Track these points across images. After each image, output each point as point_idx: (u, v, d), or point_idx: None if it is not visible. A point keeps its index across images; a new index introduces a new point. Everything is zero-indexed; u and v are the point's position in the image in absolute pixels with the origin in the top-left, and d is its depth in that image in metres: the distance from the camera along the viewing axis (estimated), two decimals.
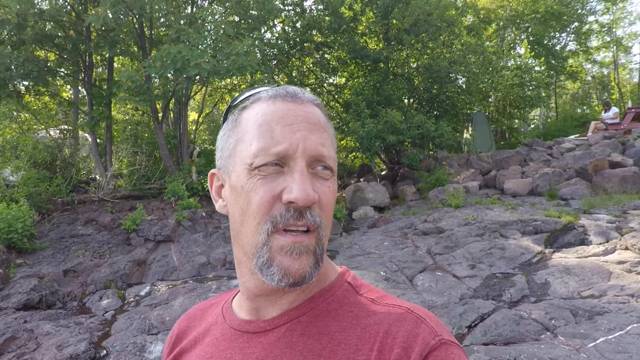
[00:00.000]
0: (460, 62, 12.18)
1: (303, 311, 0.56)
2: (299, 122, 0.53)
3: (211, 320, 0.64)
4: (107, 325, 4.15)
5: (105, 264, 5.49)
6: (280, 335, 0.55)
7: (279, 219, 0.50)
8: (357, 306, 0.55)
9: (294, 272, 0.50)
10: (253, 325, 0.57)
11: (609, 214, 5.61)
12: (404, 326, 0.51)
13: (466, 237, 5.35)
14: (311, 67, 13.93)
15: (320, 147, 0.53)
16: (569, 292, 3.80)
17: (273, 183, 0.51)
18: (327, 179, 0.54)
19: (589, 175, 7.85)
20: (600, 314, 3.25)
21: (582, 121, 17.93)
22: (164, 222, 6.32)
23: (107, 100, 8.18)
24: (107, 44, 7.55)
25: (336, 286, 0.58)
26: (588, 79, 22.91)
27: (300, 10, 11.91)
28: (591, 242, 4.81)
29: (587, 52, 20.72)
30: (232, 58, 6.11)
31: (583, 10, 18.84)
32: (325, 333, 0.53)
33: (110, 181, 7.50)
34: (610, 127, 10.80)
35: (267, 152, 0.51)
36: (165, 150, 8.14)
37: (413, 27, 11.46)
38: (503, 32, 18.12)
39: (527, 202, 7.37)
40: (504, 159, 9.98)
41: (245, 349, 0.56)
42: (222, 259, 5.63)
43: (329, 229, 0.55)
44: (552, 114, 22.28)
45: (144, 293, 4.92)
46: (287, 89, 0.57)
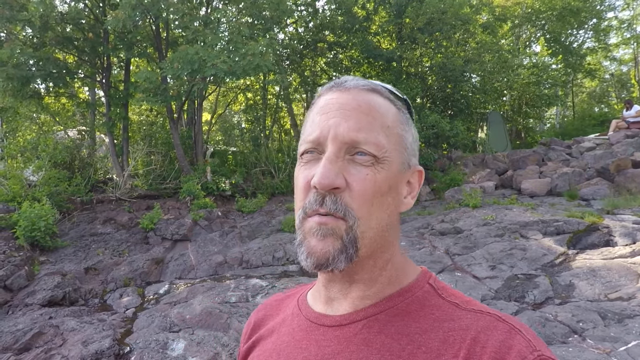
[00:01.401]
0: (475, 61, 12.02)
1: (381, 309, 0.55)
2: (336, 110, 0.54)
3: (288, 311, 0.65)
4: (128, 323, 4.20)
5: (124, 262, 5.57)
6: (357, 331, 0.54)
7: (307, 205, 0.53)
8: (438, 309, 0.53)
9: (318, 252, 0.51)
10: (329, 319, 0.57)
11: (635, 215, 5.45)
12: (495, 335, 0.48)
13: (485, 237, 5.26)
14: (324, 67, 13.92)
15: (353, 133, 0.52)
16: (595, 295, 3.70)
17: (310, 170, 0.54)
18: (366, 166, 0.52)
19: (611, 174, 7.65)
20: (631, 317, 3.15)
21: (601, 120, 17.51)
22: (181, 222, 6.38)
23: (124, 102, 8.30)
24: (124, 45, 7.66)
25: (416, 287, 0.56)
26: (606, 76, 22.37)
27: (313, 11, 11.91)
28: (617, 243, 4.68)
29: (606, 49, 20.24)
30: (248, 58, 6.13)
31: (602, 6, 18.41)
32: (405, 334, 0.51)
33: (127, 181, 7.61)
34: (632, 126, 10.50)
35: (306, 140, 0.55)
36: (181, 150, 8.22)
37: (427, 26, 11.36)
38: (519, 30, 17.83)
39: (546, 202, 7.22)
40: (520, 159, 9.80)
41: (320, 341, 0.56)
42: (238, 258, 5.65)
43: (372, 220, 0.52)
44: (569, 112, 21.82)
45: (163, 291, 4.97)
46: (340, 79, 0.58)
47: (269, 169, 9.31)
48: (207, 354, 3.39)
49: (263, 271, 5.39)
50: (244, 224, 6.82)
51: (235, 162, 10.28)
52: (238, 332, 3.73)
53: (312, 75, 13.43)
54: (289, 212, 7.33)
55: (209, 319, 3.96)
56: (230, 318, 3.91)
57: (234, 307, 4.19)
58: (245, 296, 4.48)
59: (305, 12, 11.91)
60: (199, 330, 3.85)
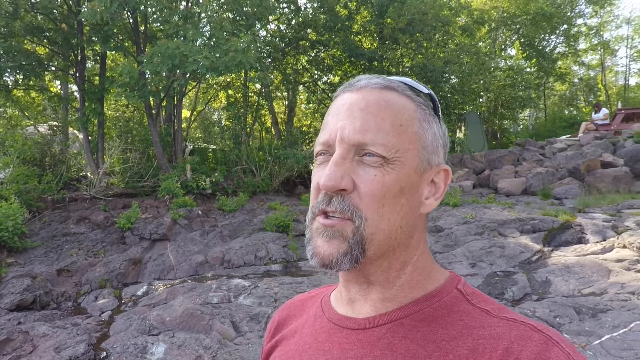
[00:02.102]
0: (454, 62, 12.27)
1: (406, 313, 0.53)
2: (345, 111, 0.53)
3: (311, 312, 0.65)
4: (105, 326, 4.04)
5: (100, 263, 5.37)
6: (381, 335, 0.52)
7: (315, 205, 0.53)
8: (468, 316, 0.51)
9: (322, 254, 0.52)
10: (352, 321, 0.56)
11: (604, 213, 5.71)
12: (530, 346, 0.45)
13: (466, 236, 5.38)
14: (306, 66, 13.87)
15: (359, 135, 0.51)
16: (570, 290, 3.84)
17: (322, 172, 0.54)
18: (374, 167, 0.51)
19: (582, 175, 7.98)
20: (604, 312, 3.29)
21: (571, 122, 18.28)
22: (160, 221, 6.21)
23: (100, 97, 8.00)
24: (100, 38, 7.37)
25: (444, 292, 0.54)
26: (575, 81, 23.34)
27: (296, 8, 11.85)
28: (589, 240, 4.88)
29: (575, 54, 21.11)
30: (231, 55, 6.02)
31: (572, 13, 19.20)
32: (431, 340, 0.50)
33: (102, 179, 7.34)
34: (600, 128, 11.01)
35: (318, 142, 0.56)
36: (160, 147, 8.00)
37: (408, 27, 11.51)
38: (495, 34, 18.34)
39: (521, 201, 7.45)
40: (497, 159, 10.09)
41: (344, 344, 0.54)
42: (220, 258, 5.55)
43: (383, 222, 0.51)
44: (542, 114, 22.65)
45: (142, 293, 4.82)
46: (354, 79, 0.58)
47: (251, 167, 9.20)
48: (188, 357, 3.31)
49: (245, 271, 5.31)
50: (226, 223, 6.71)
51: (215, 160, 10.10)
52: (221, 334, 3.66)
53: (294, 73, 13.36)
54: (271, 211, 7.26)
55: (190, 321, 3.87)
56: (212, 320, 3.83)
57: (216, 308, 4.11)
58: (228, 297, 4.40)
59: (288, 10, 11.82)
60: (180, 333, 3.75)
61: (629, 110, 12.13)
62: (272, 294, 4.40)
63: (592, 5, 19.67)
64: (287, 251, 5.80)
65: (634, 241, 4.33)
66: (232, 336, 3.65)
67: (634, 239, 4.35)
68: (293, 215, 6.76)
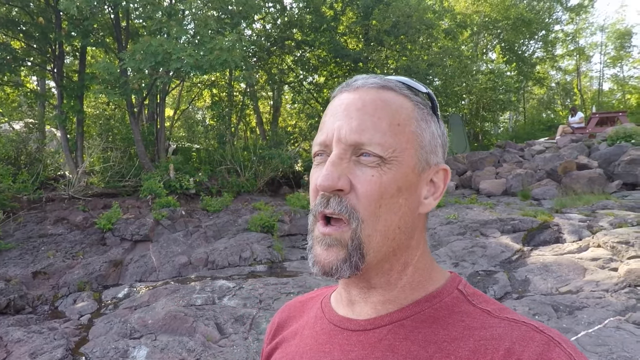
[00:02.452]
0: (437, 65, 12.47)
1: (407, 314, 0.53)
2: (342, 111, 0.53)
3: (311, 313, 0.64)
4: (84, 330, 3.94)
5: (78, 265, 5.22)
6: (382, 336, 0.52)
7: (314, 208, 0.53)
8: (469, 316, 0.51)
9: (322, 262, 0.52)
10: (353, 323, 0.56)
11: (580, 213, 5.91)
12: (532, 347, 0.45)
13: (449, 235, 5.48)
14: (291, 65, 13.84)
15: (355, 135, 0.51)
16: (548, 288, 3.96)
17: (319, 172, 0.54)
18: (371, 167, 0.50)
19: (559, 176, 8.24)
20: (580, 309, 3.41)
21: (549, 125, 18.85)
22: (142, 221, 6.08)
23: (79, 93, 7.77)
24: (79, 33, 7.16)
25: (444, 292, 0.54)
26: (553, 85, 24.09)
27: (281, 8, 11.81)
28: (565, 240, 5.04)
29: (552, 59, 21.79)
30: (215, 53, 5.94)
31: (550, 19, 19.81)
32: (432, 341, 0.49)
33: (81, 178, 7.13)
34: (576, 131, 11.39)
35: (316, 142, 0.55)
36: (142, 146, 7.83)
37: (393, 29, 11.63)
38: (477, 37, 18.73)
39: (502, 201, 7.64)
40: (478, 160, 10.31)
41: (344, 346, 0.54)
42: (203, 259, 5.47)
43: (380, 223, 0.50)
44: (521, 117, 23.27)
45: (122, 295, 4.71)
46: (351, 79, 0.57)
47: (235, 167, 9.11)
48: None
49: (230, 272, 5.26)
50: (209, 223, 6.63)
51: (199, 159, 9.96)
52: (205, 335, 3.62)
53: (279, 73, 13.31)
54: (256, 211, 7.21)
55: (173, 323, 3.81)
56: (196, 321, 3.78)
57: (200, 309, 4.05)
58: (212, 298, 4.35)
59: (274, 9, 11.77)
60: (162, 335, 3.69)
61: (603, 114, 12.61)
62: (257, 295, 4.37)
63: (568, 12, 20.33)
64: (272, 251, 5.77)
65: (607, 240, 4.50)
66: (216, 338, 3.61)
67: (608, 238, 4.52)
68: (278, 215, 6.73)
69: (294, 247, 6.42)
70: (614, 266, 4.07)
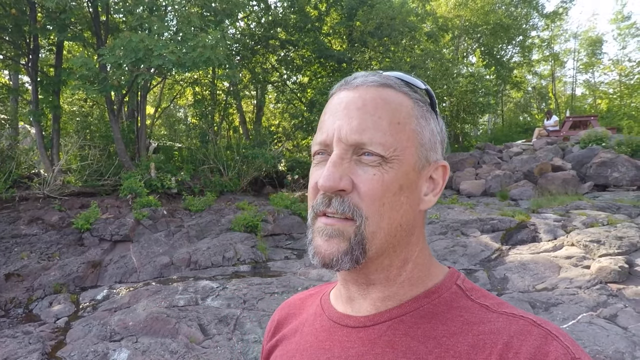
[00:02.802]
0: (419, 67, 12.67)
1: (406, 310, 0.53)
2: (342, 110, 0.53)
3: (311, 310, 0.64)
4: (60, 334, 3.82)
5: (54, 267, 5.05)
6: (382, 332, 0.52)
7: (316, 206, 0.53)
8: (467, 311, 0.51)
9: (323, 253, 0.51)
10: (352, 319, 0.56)
11: (555, 214, 6.13)
12: (529, 340, 0.45)
13: (431, 235, 5.58)
14: (275, 65, 13.78)
15: (356, 134, 0.50)
16: (525, 286, 4.10)
17: (319, 171, 0.54)
18: (373, 166, 0.51)
19: (535, 177, 8.52)
20: (555, 305, 3.55)
21: (525, 128, 19.46)
22: (122, 221, 5.94)
23: (56, 89, 7.50)
24: (55, 26, 6.92)
25: (443, 288, 0.54)
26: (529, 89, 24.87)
27: (265, 6, 11.74)
28: (541, 239, 5.22)
29: (529, 64, 22.50)
30: (198, 50, 5.86)
31: (527, 25, 20.45)
32: (432, 337, 0.50)
33: (57, 176, 6.90)
34: (552, 134, 11.80)
35: (316, 141, 0.55)
36: (121, 144, 7.64)
37: (376, 30, 11.75)
38: (458, 41, 19.13)
39: (481, 202, 7.84)
40: (459, 161, 10.54)
41: (344, 342, 0.54)
42: (186, 259, 5.40)
43: (384, 220, 0.51)
44: (499, 120, 23.91)
45: (101, 297, 4.59)
46: (350, 77, 0.56)
47: (218, 166, 9.01)
48: None
49: (213, 272, 5.21)
50: (192, 223, 6.53)
51: (181, 158, 9.80)
52: (188, 337, 3.57)
53: (263, 72, 13.23)
54: (239, 210, 7.16)
55: (155, 324, 3.74)
56: (178, 323, 3.72)
57: (183, 310, 4.00)
58: (195, 299, 4.30)
59: (258, 8, 11.70)
60: (143, 337, 3.62)
61: (576, 118, 13.11)
62: (241, 295, 4.34)
63: (544, 19, 21.04)
64: (256, 251, 5.74)
65: (580, 239, 4.69)
66: (200, 339, 3.57)
67: (580, 237, 4.72)
68: (261, 215, 6.70)
69: (277, 246, 6.40)
70: (587, 264, 4.25)
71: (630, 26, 22.72)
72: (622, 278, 3.87)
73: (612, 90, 23.41)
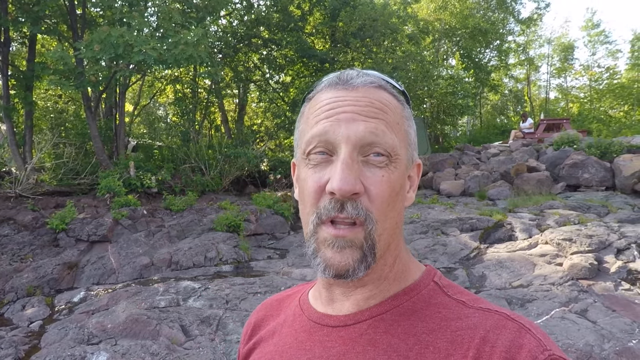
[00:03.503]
0: (401, 69, 12.86)
1: (386, 308, 0.53)
2: (346, 108, 0.52)
3: (289, 311, 0.63)
4: (34, 338, 3.69)
5: (27, 268, 4.87)
6: (362, 331, 0.52)
7: (323, 211, 0.50)
8: (445, 307, 0.52)
9: (337, 265, 0.50)
10: (332, 319, 0.56)
11: (530, 213, 6.36)
12: (505, 334, 0.47)
13: (412, 234, 5.69)
14: (258, 64, 13.69)
15: (367, 134, 0.50)
16: (502, 283, 4.24)
17: (321, 173, 0.51)
18: (381, 167, 0.51)
19: (512, 178, 8.80)
20: (530, 301, 3.69)
21: (502, 130, 20.03)
22: (99, 221, 5.78)
23: (29, 84, 7.22)
24: (28, 19, 6.66)
25: (421, 285, 0.55)
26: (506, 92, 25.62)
27: (248, 4, 11.65)
28: (517, 237, 5.41)
29: (506, 67, 23.20)
30: (180, 47, 5.77)
31: (504, 30, 21.08)
32: (412, 334, 0.50)
33: (30, 175, 6.64)
34: (527, 136, 12.20)
35: (314, 140, 0.52)
36: (99, 142, 7.42)
37: (359, 31, 11.85)
38: (438, 44, 19.50)
39: (461, 202, 8.03)
40: (439, 162, 10.76)
41: (325, 342, 0.54)
42: (167, 259, 5.31)
43: (387, 222, 0.51)
44: (477, 121, 24.53)
45: (78, 299, 4.46)
46: (343, 74, 0.56)
47: (200, 165, 8.89)
48: None
49: (194, 272, 5.14)
50: (173, 223, 6.42)
51: (161, 157, 9.60)
52: (169, 338, 3.52)
53: (246, 71, 13.12)
54: (221, 210, 7.08)
55: (135, 326, 3.67)
56: (159, 324, 3.67)
57: (164, 312, 3.94)
58: (176, 300, 4.24)
59: (240, 6, 11.59)
60: (123, 340, 3.55)
61: (550, 120, 13.61)
62: (223, 295, 4.31)
63: (520, 25, 21.72)
64: (238, 251, 5.71)
65: (553, 237, 4.89)
66: (181, 340, 3.52)
67: (554, 236, 4.91)
68: (244, 214, 6.65)
69: (260, 246, 6.38)
70: (560, 261, 4.44)
71: (599, 33, 23.75)
72: (592, 274, 4.06)
73: (583, 95, 24.40)
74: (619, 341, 2.98)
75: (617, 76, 22.48)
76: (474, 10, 19.27)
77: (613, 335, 3.06)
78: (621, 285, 3.87)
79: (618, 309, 3.50)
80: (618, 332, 3.11)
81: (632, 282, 3.93)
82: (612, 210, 6.27)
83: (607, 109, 22.25)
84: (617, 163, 7.98)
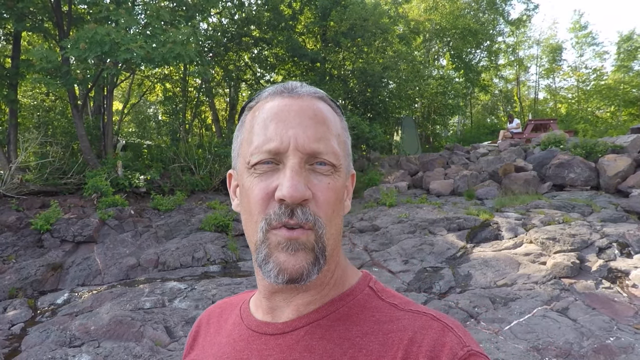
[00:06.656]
0: (392, 68, 12.92)
1: (323, 314, 0.54)
2: (293, 118, 0.52)
3: (230, 319, 0.63)
4: (15, 340, 3.64)
5: (10, 270, 4.80)
6: (299, 338, 0.53)
7: (273, 217, 0.50)
8: (379, 311, 0.54)
9: (291, 269, 0.49)
10: (271, 327, 0.56)
11: (516, 212, 6.43)
12: (430, 334, 0.50)
13: (400, 234, 5.72)
14: (248, 63, 13.63)
15: (313, 143, 0.51)
16: (487, 282, 4.29)
17: (268, 181, 0.51)
18: (326, 175, 0.52)
19: (500, 177, 8.90)
20: (513, 300, 3.74)
21: (492, 130, 20.24)
22: (85, 221, 5.71)
23: (13, 82, 7.09)
24: (12, 15, 6.54)
25: (357, 290, 0.57)
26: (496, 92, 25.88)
27: (239, 3, 11.59)
28: (503, 237, 5.47)
29: (496, 68, 23.42)
30: (168, 46, 5.71)
31: (494, 31, 21.28)
32: (346, 338, 0.52)
33: (14, 174, 6.54)
34: (515, 136, 12.35)
35: (260, 149, 0.52)
36: (86, 141, 7.32)
37: (350, 31, 11.87)
38: (429, 44, 19.62)
39: (449, 201, 8.10)
40: (429, 161, 10.83)
41: (262, 350, 0.54)
42: (154, 260, 5.26)
43: (332, 227, 0.53)
44: (468, 121, 24.75)
45: (62, 301, 4.41)
46: (287, 84, 0.57)
47: (189, 165, 8.82)
48: None
49: (182, 273, 5.11)
50: (161, 223, 6.37)
51: (150, 156, 9.51)
52: (153, 340, 3.49)
53: (236, 70, 13.06)
54: (210, 210, 7.05)
55: (118, 328, 3.64)
56: (144, 326, 3.64)
57: (149, 313, 3.91)
58: (162, 301, 4.21)
59: (231, 4, 11.52)
60: (106, 342, 3.51)
61: (537, 121, 13.78)
62: (210, 296, 4.29)
63: (509, 26, 21.95)
64: (226, 251, 5.68)
65: (538, 237, 4.96)
66: (166, 342, 3.50)
67: (538, 235, 4.98)
68: (233, 214, 6.63)
69: (248, 246, 6.36)
70: (543, 260, 4.50)
71: (586, 35, 24.11)
72: (574, 273, 4.13)
73: (570, 95, 24.76)
74: (597, 339, 3.04)
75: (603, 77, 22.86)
76: (464, 11, 19.42)
77: (592, 333, 3.12)
78: (602, 284, 3.95)
79: (598, 306, 3.57)
80: (597, 329, 3.17)
81: (612, 281, 4.01)
82: (595, 209, 6.38)
83: (594, 110, 22.60)
84: (602, 163, 8.12)
